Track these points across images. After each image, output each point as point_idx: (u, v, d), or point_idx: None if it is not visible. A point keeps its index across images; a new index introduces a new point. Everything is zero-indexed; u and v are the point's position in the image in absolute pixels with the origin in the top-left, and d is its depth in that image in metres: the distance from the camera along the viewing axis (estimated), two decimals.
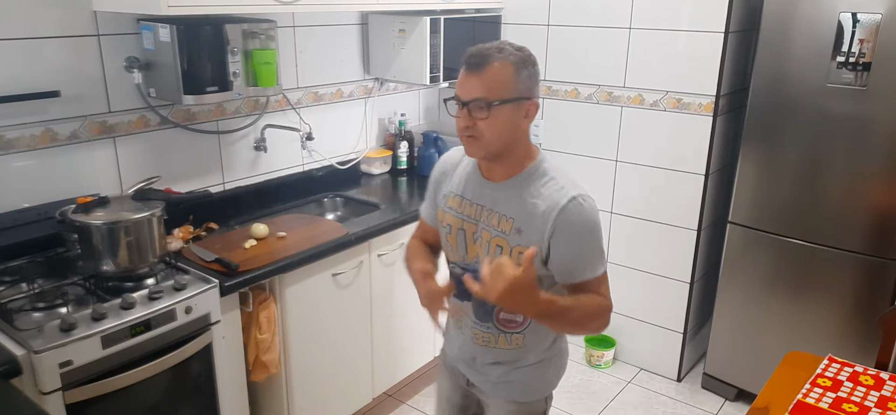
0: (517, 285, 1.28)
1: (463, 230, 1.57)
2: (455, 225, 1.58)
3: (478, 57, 1.42)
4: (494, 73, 1.41)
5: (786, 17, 2.55)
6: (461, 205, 1.57)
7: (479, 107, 1.41)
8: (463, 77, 1.44)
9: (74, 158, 2.14)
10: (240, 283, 2.06)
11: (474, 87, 1.41)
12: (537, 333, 1.60)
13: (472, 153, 1.49)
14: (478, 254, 1.55)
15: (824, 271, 2.66)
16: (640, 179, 3.04)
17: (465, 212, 1.57)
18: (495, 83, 1.41)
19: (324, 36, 2.85)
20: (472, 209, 1.56)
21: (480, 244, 1.54)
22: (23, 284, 1.90)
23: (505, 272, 1.29)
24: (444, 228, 1.61)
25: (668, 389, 3.14)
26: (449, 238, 1.60)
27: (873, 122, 2.44)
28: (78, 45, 2.09)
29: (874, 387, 1.71)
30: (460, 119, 1.44)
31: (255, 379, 2.24)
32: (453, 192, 1.60)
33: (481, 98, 1.41)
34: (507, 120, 1.44)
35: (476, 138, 1.44)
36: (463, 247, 1.58)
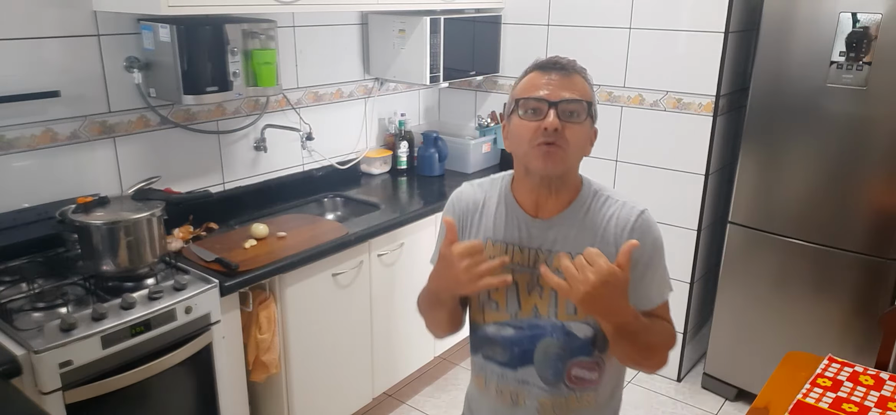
0: (613, 280, 1.11)
1: (516, 283, 1.33)
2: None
3: (563, 61, 1.29)
4: (581, 83, 1.28)
5: (786, 17, 2.55)
6: (507, 252, 1.33)
7: (573, 109, 1.25)
8: (542, 78, 1.27)
9: (74, 158, 2.14)
10: (240, 283, 2.06)
11: (566, 88, 1.25)
12: (606, 386, 1.38)
13: (551, 168, 1.25)
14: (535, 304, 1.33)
15: (824, 271, 2.66)
16: (640, 179, 3.04)
17: (516, 260, 1.33)
18: (586, 92, 1.28)
19: (324, 36, 2.85)
20: (522, 256, 1.32)
21: (543, 295, 1.31)
22: (23, 284, 1.90)
23: (598, 263, 1.11)
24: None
25: (668, 389, 3.14)
26: (495, 295, 1.35)
27: (873, 122, 2.44)
28: (78, 45, 2.09)
29: (874, 387, 1.71)
30: (547, 122, 1.22)
31: (255, 379, 2.24)
32: (491, 239, 1.35)
33: (580, 99, 1.25)
34: (586, 137, 1.30)
35: (561, 148, 1.24)
36: (516, 301, 1.34)
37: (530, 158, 1.26)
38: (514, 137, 1.29)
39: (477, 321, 1.40)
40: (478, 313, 1.39)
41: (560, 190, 1.32)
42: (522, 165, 1.31)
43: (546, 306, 1.32)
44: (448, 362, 3.25)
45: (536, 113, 1.25)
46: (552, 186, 1.31)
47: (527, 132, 1.25)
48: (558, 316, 1.32)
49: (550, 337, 1.33)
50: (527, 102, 1.26)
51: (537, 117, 1.24)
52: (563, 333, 1.32)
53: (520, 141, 1.27)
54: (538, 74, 1.29)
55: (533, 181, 1.31)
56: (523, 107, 1.26)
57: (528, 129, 1.25)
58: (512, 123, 1.30)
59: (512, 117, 1.30)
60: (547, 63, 1.30)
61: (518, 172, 1.35)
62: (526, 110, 1.26)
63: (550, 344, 1.33)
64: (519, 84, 1.32)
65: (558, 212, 1.33)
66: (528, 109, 1.26)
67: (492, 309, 1.36)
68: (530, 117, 1.25)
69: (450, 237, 1.24)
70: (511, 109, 1.31)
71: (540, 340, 1.34)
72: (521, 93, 1.29)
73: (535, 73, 1.30)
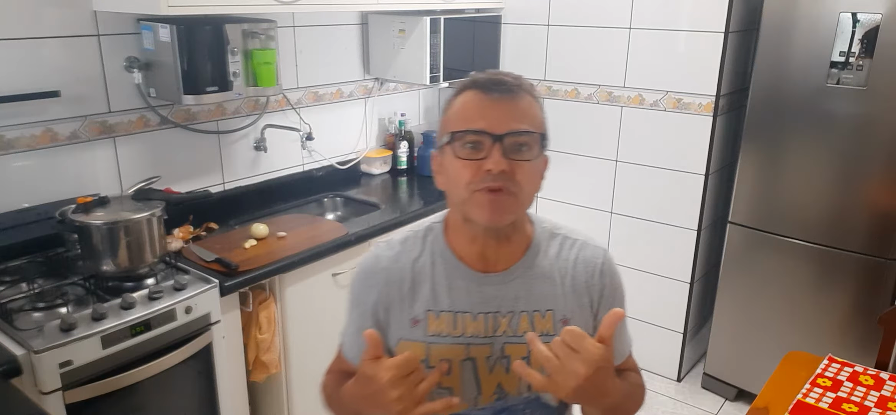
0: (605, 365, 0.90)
1: (472, 360, 1.07)
2: (456, 357, 1.07)
3: (507, 80, 1.03)
4: (531, 106, 1.04)
5: (786, 17, 2.55)
6: (457, 324, 1.06)
7: (523, 143, 1.00)
8: (481, 101, 1.01)
9: (74, 158, 2.14)
10: (240, 283, 2.06)
11: (512, 116, 1.00)
12: None
13: (498, 220, 1.01)
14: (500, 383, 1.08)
15: (824, 271, 2.66)
16: (640, 179, 3.04)
17: (469, 332, 1.07)
18: (537, 119, 1.04)
19: (324, 36, 2.85)
20: (476, 325, 1.07)
21: (511, 366, 1.06)
22: (23, 284, 1.90)
23: (587, 348, 0.88)
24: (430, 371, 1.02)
25: (668, 389, 3.14)
26: (447, 382, 1.07)
27: (873, 122, 2.44)
28: (78, 45, 2.09)
29: (874, 387, 1.71)
30: (491, 163, 0.97)
31: (255, 379, 2.24)
32: (432, 310, 1.07)
33: (530, 131, 1.01)
34: (539, 174, 1.07)
35: (511, 195, 1.00)
36: (474, 385, 1.08)
37: (471, 206, 1.01)
38: (450, 178, 1.03)
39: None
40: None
41: (510, 237, 1.08)
42: (461, 213, 1.05)
43: (515, 382, 1.07)
44: None
45: (476, 148, 0.99)
46: (500, 235, 1.07)
47: (465, 174, 0.99)
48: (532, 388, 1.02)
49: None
50: (463, 136, 0.99)
51: (478, 155, 0.99)
52: (539, 405, 1.10)
53: (457, 183, 1.01)
54: (476, 96, 1.02)
55: (474, 231, 1.06)
56: (459, 141, 1.00)
57: (467, 170, 0.99)
58: (445, 159, 1.03)
59: (444, 150, 1.03)
60: (487, 81, 1.02)
61: (454, 219, 1.09)
62: (463, 145, 0.99)
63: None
64: (452, 107, 1.04)
65: (513, 263, 1.08)
66: (465, 143, 0.99)
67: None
68: (468, 154, 0.99)
69: (371, 352, 0.94)
70: (444, 141, 1.03)
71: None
72: (457, 122, 1.01)
73: (472, 95, 1.02)
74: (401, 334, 1.09)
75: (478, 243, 1.07)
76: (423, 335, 1.07)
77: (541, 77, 3.21)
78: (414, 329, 1.07)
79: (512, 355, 1.07)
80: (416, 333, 1.08)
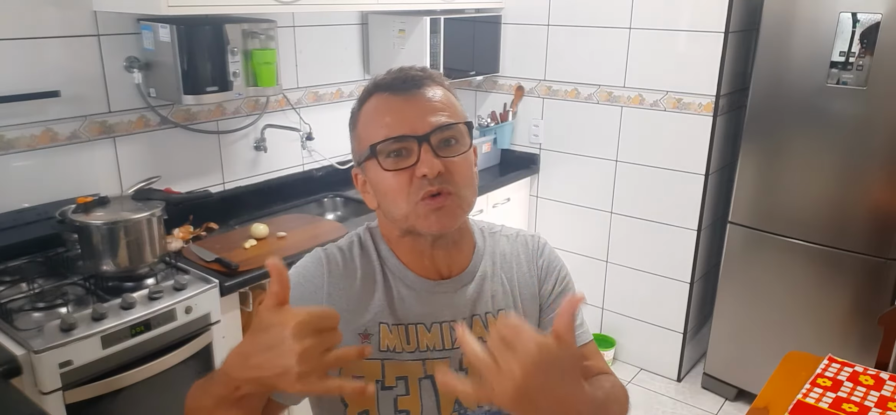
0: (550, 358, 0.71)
1: (429, 378, 0.98)
2: (413, 375, 0.98)
3: (413, 73, 0.97)
4: (446, 96, 0.96)
5: (786, 17, 2.55)
6: (411, 337, 0.98)
7: (450, 136, 0.93)
8: (395, 103, 0.93)
9: (74, 158, 2.14)
10: (240, 283, 2.06)
11: (430, 109, 0.92)
12: None
13: (449, 225, 0.94)
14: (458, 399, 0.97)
15: (824, 271, 2.66)
16: (640, 179, 3.04)
17: (424, 344, 0.98)
18: (456, 108, 0.97)
19: (324, 36, 2.85)
20: (432, 336, 0.98)
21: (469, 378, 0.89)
22: (23, 284, 1.90)
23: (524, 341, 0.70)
24: (390, 390, 0.97)
25: (668, 389, 3.14)
26: (404, 401, 0.98)
27: (873, 122, 2.44)
28: (78, 45, 2.09)
29: (874, 387, 1.71)
30: (425, 167, 0.89)
31: None
32: (384, 322, 0.98)
33: (454, 122, 0.93)
34: (473, 166, 0.97)
35: (455, 196, 0.93)
36: (433, 404, 0.98)
37: (415, 219, 0.93)
38: (382, 194, 0.94)
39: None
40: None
41: (458, 243, 1.01)
42: (404, 229, 0.96)
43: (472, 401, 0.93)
44: None
45: (402, 156, 0.91)
46: (448, 242, 0.99)
47: (399, 186, 0.91)
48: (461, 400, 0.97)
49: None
50: (386, 146, 0.91)
51: (407, 162, 0.91)
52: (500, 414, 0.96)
53: (392, 199, 0.93)
54: (385, 99, 0.94)
55: (421, 245, 0.98)
56: (382, 153, 0.91)
57: (400, 180, 0.91)
58: (370, 175, 0.95)
59: (366, 167, 0.95)
60: (393, 80, 0.95)
61: (391, 232, 1.01)
62: (387, 155, 0.92)
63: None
64: (362, 118, 0.96)
65: (463, 269, 1.02)
66: (388, 153, 0.91)
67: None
68: (396, 163, 0.91)
69: (280, 294, 0.76)
70: (364, 156, 0.94)
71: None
72: (374, 133, 0.92)
73: (380, 99, 0.95)
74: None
75: (426, 256, 0.99)
76: (375, 352, 0.97)
77: (541, 77, 3.21)
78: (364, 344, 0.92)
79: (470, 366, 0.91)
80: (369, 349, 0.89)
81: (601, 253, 3.24)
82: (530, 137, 3.34)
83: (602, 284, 3.28)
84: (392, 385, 0.97)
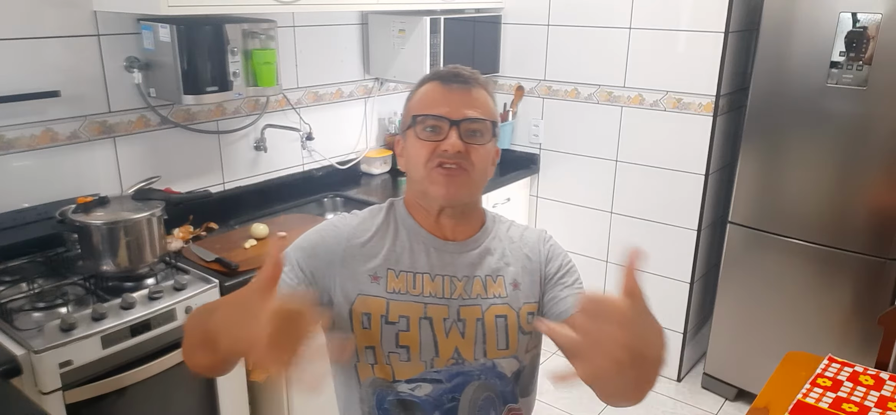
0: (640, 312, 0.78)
1: (428, 319, 1.11)
2: (414, 315, 1.11)
3: (464, 73, 1.16)
4: (484, 97, 1.16)
5: (786, 17, 2.55)
6: (416, 283, 1.13)
7: (476, 129, 1.12)
8: (442, 92, 1.14)
9: (74, 158, 2.14)
10: (240, 283, 2.06)
11: (468, 104, 1.13)
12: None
13: (454, 194, 1.12)
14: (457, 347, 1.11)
15: (824, 271, 2.66)
16: (640, 179, 3.04)
17: (427, 291, 1.13)
18: (489, 109, 1.16)
19: (324, 36, 2.85)
20: (434, 286, 1.13)
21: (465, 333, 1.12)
22: (23, 284, 1.89)
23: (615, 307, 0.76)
24: (392, 325, 1.10)
25: (668, 389, 3.14)
26: (404, 338, 1.10)
27: (873, 122, 2.44)
28: (78, 45, 2.09)
29: (874, 387, 1.71)
30: (448, 143, 1.09)
31: (255, 379, 2.24)
32: (392, 268, 1.14)
33: (483, 118, 1.13)
34: (490, 158, 1.17)
35: (464, 171, 1.11)
36: (432, 346, 1.11)
37: (429, 182, 1.12)
38: (410, 158, 1.15)
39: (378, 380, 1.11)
40: (379, 369, 1.11)
41: (468, 216, 1.19)
42: (420, 190, 1.16)
43: (470, 346, 1.11)
44: None
45: (435, 132, 1.11)
46: (457, 213, 1.17)
47: (424, 152, 1.11)
48: (488, 354, 1.12)
49: (477, 381, 1.10)
50: (425, 119, 1.12)
51: (437, 137, 1.11)
52: (494, 374, 1.11)
53: (416, 162, 1.13)
54: (437, 87, 1.15)
55: (433, 208, 1.17)
56: (421, 124, 1.12)
57: (426, 148, 1.11)
58: (407, 141, 1.16)
59: (407, 134, 1.16)
60: (447, 74, 1.16)
61: (413, 197, 1.20)
62: (424, 128, 1.12)
63: (478, 390, 1.09)
64: (415, 96, 1.18)
65: (473, 234, 1.19)
66: (426, 126, 1.12)
67: (400, 360, 1.09)
68: (429, 136, 1.11)
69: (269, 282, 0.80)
70: (407, 125, 1.16)
71: (464, 388, 1.09)
72: (419, 108, 1.15)
73: (433, 85, 1.16)
74: (360, 289, 1.13)
75: (433, 219, 1.18)
76: (382, 291, 1.12)
77: (541, 77, 3.21)
78: (373, 284, 1.12)
79: (466, 318, 1.13)
80: (376, 288, 1.12)
81: (601, 253, 3.24)
82: (530, 137, 3.34)
83: (602, 284, 3.28)
84: (394, 321, 1.11)
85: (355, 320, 1.12)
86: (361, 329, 1.11)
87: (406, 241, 1.17)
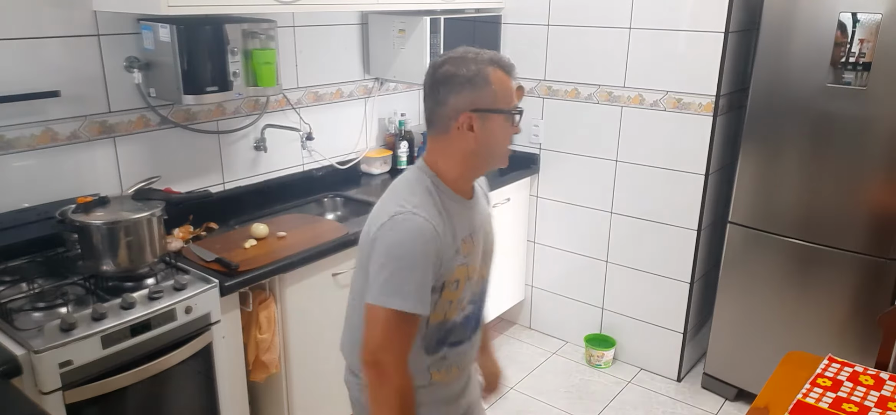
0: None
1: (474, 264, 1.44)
2: (478, 263, 1.44)
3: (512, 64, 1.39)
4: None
5: (786, 17, 2.55)
6: (469, 243, 1.40)
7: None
8: (514, 84, 1.37)
9: (74, 158, 2.14)
10: (240, 283, 2.06)
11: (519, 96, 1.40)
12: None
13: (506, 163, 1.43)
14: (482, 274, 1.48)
15: (824, 271, 2.66)
16: (640, 179, 3.04)
17: (477, 244, 1.43)
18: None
19: (324, 36, 2.85)
20: (477, 236, 1.44)
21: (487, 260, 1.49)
22: (23, 284, 1.90)
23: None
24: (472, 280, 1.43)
25: (668, 389, 3.14)
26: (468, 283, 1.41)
27: (873, 122, 2.44)
28: (78, 45, 2.09)
29: (874, 387, 1.71)
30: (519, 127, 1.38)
31: (255, 379, 2.24)
32: (463, 237, 1.38)
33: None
34: None
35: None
36: (478, 278, 1.45)
37: (500, 159, 1.40)
38: (498, 139, 1.35)
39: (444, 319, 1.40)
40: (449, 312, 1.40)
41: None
42: (489, 164, 1.41)
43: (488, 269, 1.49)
44: None
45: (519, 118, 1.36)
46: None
47: (509, 135, 1.36)
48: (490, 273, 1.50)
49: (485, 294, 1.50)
50: (515, 110, 1.35)
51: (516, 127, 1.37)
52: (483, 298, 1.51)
53: (499, 143, 1.35)
54: (509, 79, 1.34)
55: (476, 176, 1.43)
56: (515, 114, 1.35)
57: (510, 132, 1.36)
58: (490, 125, 1.32)
59: (490, 118, 1.32)
60: (511, 68, 1.36)
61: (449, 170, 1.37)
62: (515, 115, 1.35)
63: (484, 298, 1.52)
64: (493, 84, 1.32)
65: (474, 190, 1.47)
66: (515, 116, 1.35)
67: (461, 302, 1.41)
68: (514, 123, 1.35)
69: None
70: (496, 112, 1.33)
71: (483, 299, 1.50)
72: (508, 101, 1.34)
73: (507, 77, 1.34)
74: (453, 264, 1.35)
75: (470, 183, 1.43)
76: (462, 259, 1.37)
77: (541, 77, 3.21)
78: (458, 256, 1.36)
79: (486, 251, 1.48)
80: (460, 258, 1.36)
81: (601, 253, 3.24)
82: (530, 137, 3.34)
83: (602, 284, 3.28)
84: (472, 276, 1.41)
85: (448, 290, 1.36)
86: (451, 292, 1.36)
87: (455, 211, 1.37)
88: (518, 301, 3.57)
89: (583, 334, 3.37)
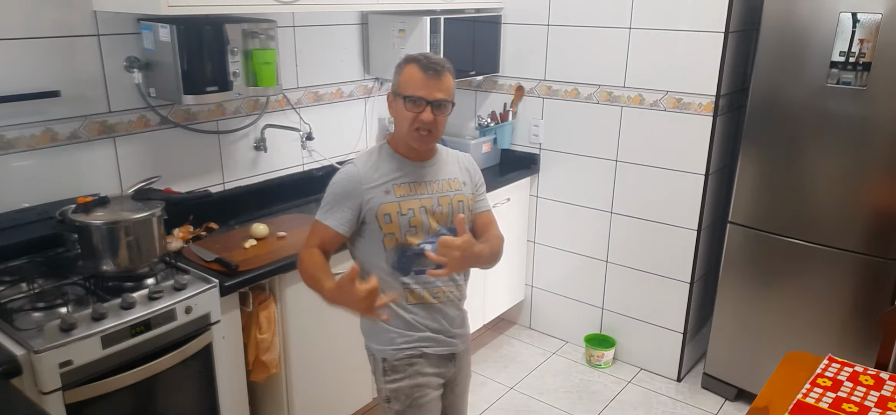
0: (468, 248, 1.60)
1: (424, 207, 1.73)
2: (417, 206, 1.73)
3: (437, 64, 1.66)
4: (450, 82, 1.69)
5: (786, 17, 2.55)
6: (411, 188, 1.74)
7: (443, 107, 1.68)
8: (423, 79, 1.65)
9: (74, 158, 2.14)
10: (240, 283, 2.06)
11: (438, 90, 1.65)
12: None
13: (425, 145, 1.73)
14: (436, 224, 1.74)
15: (824, 271, 2.66)
16: (640, 179, 3.04)
17: (419, 192, 1.74)
18: (452, 91, 1.70)
19: (324, 36, 2.85)
20: (420, 187, 1.75)
21: (441, 210, 1.75)
22: (23, 284, 1.90)
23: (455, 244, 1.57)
24: (405, 215, 1.72)
25: (668, 389, 3.14)
26: (413, 221, 1.72)
27: (873, 122, 2.44)
28: (78, 45, 2.09)
29: (874, 387, 1.71)
30: (425, 117, 1.65)
31: (255, 379, 2.24)
32: (395, 181, 1.73)
33: (447, 100, 1.68)
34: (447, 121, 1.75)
35: (432, 134, 1.69)
36: (427, 221, 1.74)
37: (410, 138, 1.70)
38: (399, 120, 1.71)
39: (399, 244, 1.71)
40: (399, 237, 1.71)
41: (430, 150, 1.79)
42: (398, 135, 1.74)
43: (445, 220, 1.76)
44: None
45: (416, 106, 1.65)
46: (423, 151, 1.76)
47: (409, 117, 1.67)
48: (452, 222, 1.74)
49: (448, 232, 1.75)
50: (411, 98, 1.65)
51: (417, 109, 1.66)
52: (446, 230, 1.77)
53: (402, 122, 1.69)
54: (418, 72, 1.65)
55: (412, 146, 1.73)
56: (409, 99, 1.66)
57: (409, 116, 1.66)
58: (397, 106, 1.70)
59: (398, 101, 1.69)
60: (426, 65, 1.66)
61: (396, 141, 1.77)
62: (410, 102, 1.66)
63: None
64: (403, 74, 1.68)
65: (432, 156, 1.80)
66: (412, 102, 1.65)
67: (411, 235, 1.72)
68: (412, 108, 1.66)
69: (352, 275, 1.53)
70: (399, 95, 1.68)
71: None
72: (406, 88, 1.67)
73: (415, 69, 1.66)
74: (380, 201, 1.71)
75: (411, 149, 1.75)
76: (395, 198, 1.72)
77: (541, 77, 3.21)
78: (387, 196, 1.71)
79: (443, 203, 1.76)
80: (391, 198, 1.71)
81: (601, 253, 3.25)
82: (530, 137, 3.34)
83: (602, 284, 3.28)
84: (405, 213, 1.71)
85: (380, 221, 1.70)
86: (385, 224, 1.71)
87: (397, 166, 1.75)
88: (518, 301, 3.57)
89: (583, 334, 3.37)
